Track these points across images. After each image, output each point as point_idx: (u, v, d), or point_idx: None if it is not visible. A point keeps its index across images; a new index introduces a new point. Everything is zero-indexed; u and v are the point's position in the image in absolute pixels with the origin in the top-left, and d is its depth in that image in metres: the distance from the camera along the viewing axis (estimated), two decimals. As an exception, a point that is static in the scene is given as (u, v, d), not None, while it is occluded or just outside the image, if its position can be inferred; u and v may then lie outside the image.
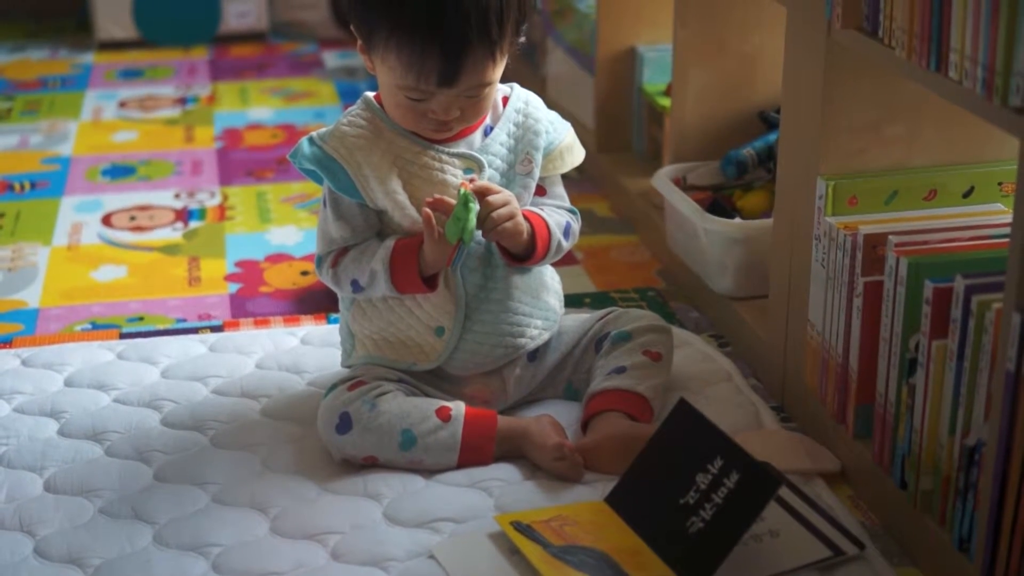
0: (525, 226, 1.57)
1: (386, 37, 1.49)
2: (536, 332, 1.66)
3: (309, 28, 3.69)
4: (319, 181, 1.58)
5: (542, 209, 1.63)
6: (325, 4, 3.71)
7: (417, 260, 1.54)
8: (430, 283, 1.56)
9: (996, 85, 1.20)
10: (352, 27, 1.56)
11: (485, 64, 1.50)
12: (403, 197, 1.56)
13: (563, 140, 1.65)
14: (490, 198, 1.53)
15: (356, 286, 1.59)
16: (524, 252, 1.59)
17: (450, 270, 1.56)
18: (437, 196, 1.53)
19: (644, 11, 2.45)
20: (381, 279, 1.56)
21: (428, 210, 1.51)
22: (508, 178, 1.61)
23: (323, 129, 1.59)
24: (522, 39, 1.55)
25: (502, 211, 1.53)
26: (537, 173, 1.63)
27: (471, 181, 1.54)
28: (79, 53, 3.54)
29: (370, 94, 1.62)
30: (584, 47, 2.57)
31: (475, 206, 1.50)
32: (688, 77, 2.12)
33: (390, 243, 1.56)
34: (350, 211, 1.58)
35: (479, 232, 1.55)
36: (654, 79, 2.42)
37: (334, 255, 1.60)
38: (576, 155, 1.67)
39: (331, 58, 3.47)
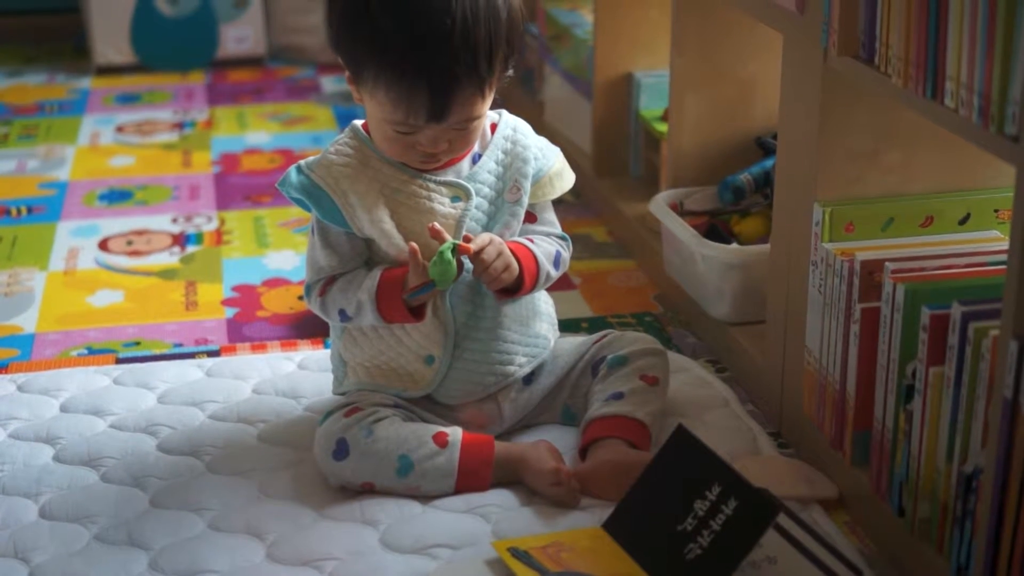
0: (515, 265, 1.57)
1: (375, 74, 1.50)
2: (525, 360, 1.65)
3: (307, 53, 3.69)
4: (308, 209, 1.59)
5: (531, 240, 1.63)
6: (323, 29, 3.72)
7: (403, 291, 1.54)
8: (416, 313, 1.56)
9: (992, 113, 1.20)
10: (340, 60, 1.57)
11: (474, 99, 1.51)
12: (390, 226, 1.56)
13: (552, 166, 1.65)
14: (483, 255, 1.52)
15: (344, 315, 1.59)
16: (512, 286, 1.59)
17: (409, 297, 1.53)
18: (432, 225, 1.52)
19: (641, 37, 2.46)
20: (368, 309, 1.56)
21: (415, 244, 1.51)
22: (496, 206, 1.61)
23: (311, 158, 1.60)
24: (510, 72, 1.56)
25: (496, 264, 1.53)
26: (526, 201, 1.62)
27: (467, 240, 1.53)
28: (76, 78, 3.54)
29: (358, 122, 1.62)
30: (581, 73, 2.58)
31: (452, 259, 1.50)
32: (685, 103, 2.12)
33: (376, 273, 1.56)
34: (337, 240, 1.58)
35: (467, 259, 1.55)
36: (651, 105, 2.42)
37: (322, 284, 1.60)
38: (566, 181, 1.67)
39: (329, 83, 3.48)
